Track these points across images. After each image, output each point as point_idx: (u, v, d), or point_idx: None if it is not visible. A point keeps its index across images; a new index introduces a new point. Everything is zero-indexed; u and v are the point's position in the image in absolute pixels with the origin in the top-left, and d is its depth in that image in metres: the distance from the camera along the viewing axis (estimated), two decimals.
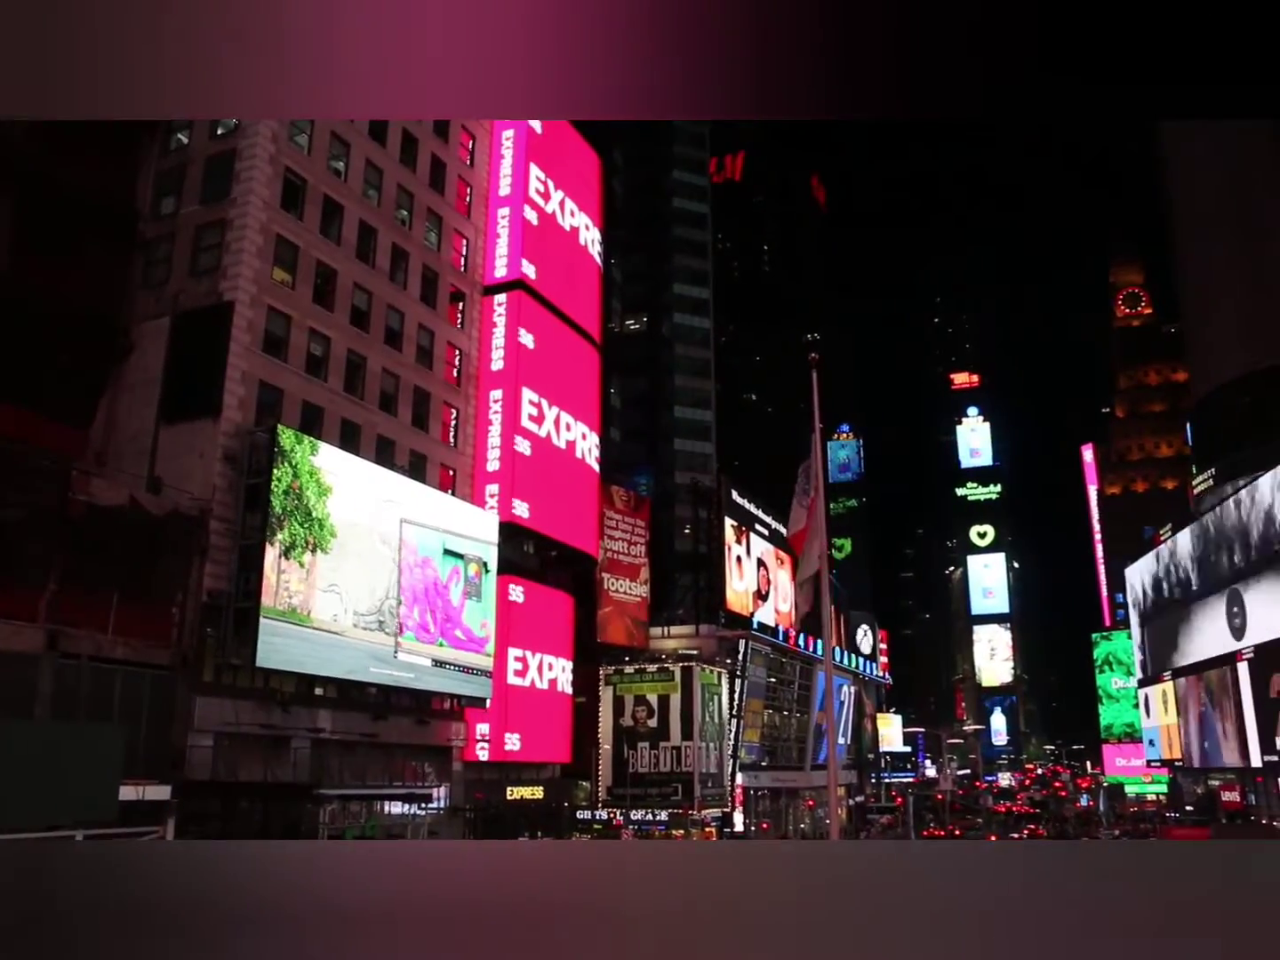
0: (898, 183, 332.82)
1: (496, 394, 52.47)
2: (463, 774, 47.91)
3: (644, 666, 64.59)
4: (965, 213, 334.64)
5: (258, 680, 36.00)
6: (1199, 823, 64.89)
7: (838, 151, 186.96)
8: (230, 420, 36.64)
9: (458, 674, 45.52)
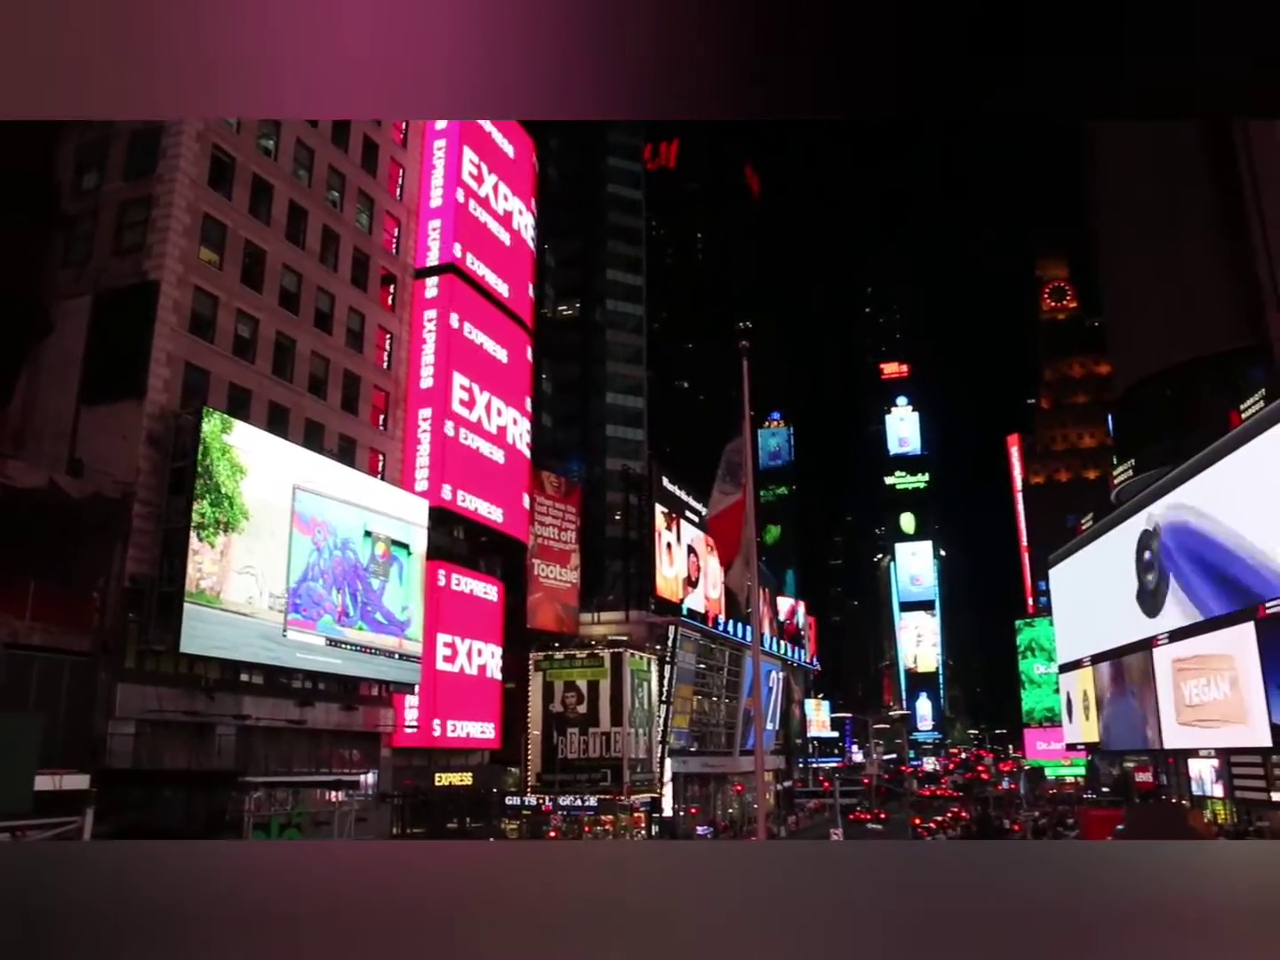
0: (832, 173, 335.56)
1: (427, 378, 52.07)
2: (391, 760, 47.65)
3: (574, 652, 64.71)
4: (898, 204, 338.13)
5: (182, 666, 35.47)
6: (1114, 803, 66.67)
7: (772, 141, 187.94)
8: (155, 402, 35.95)
9: (382, 659, 45.10)
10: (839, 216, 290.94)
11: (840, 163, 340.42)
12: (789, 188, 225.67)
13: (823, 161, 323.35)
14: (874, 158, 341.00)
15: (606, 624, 72.84)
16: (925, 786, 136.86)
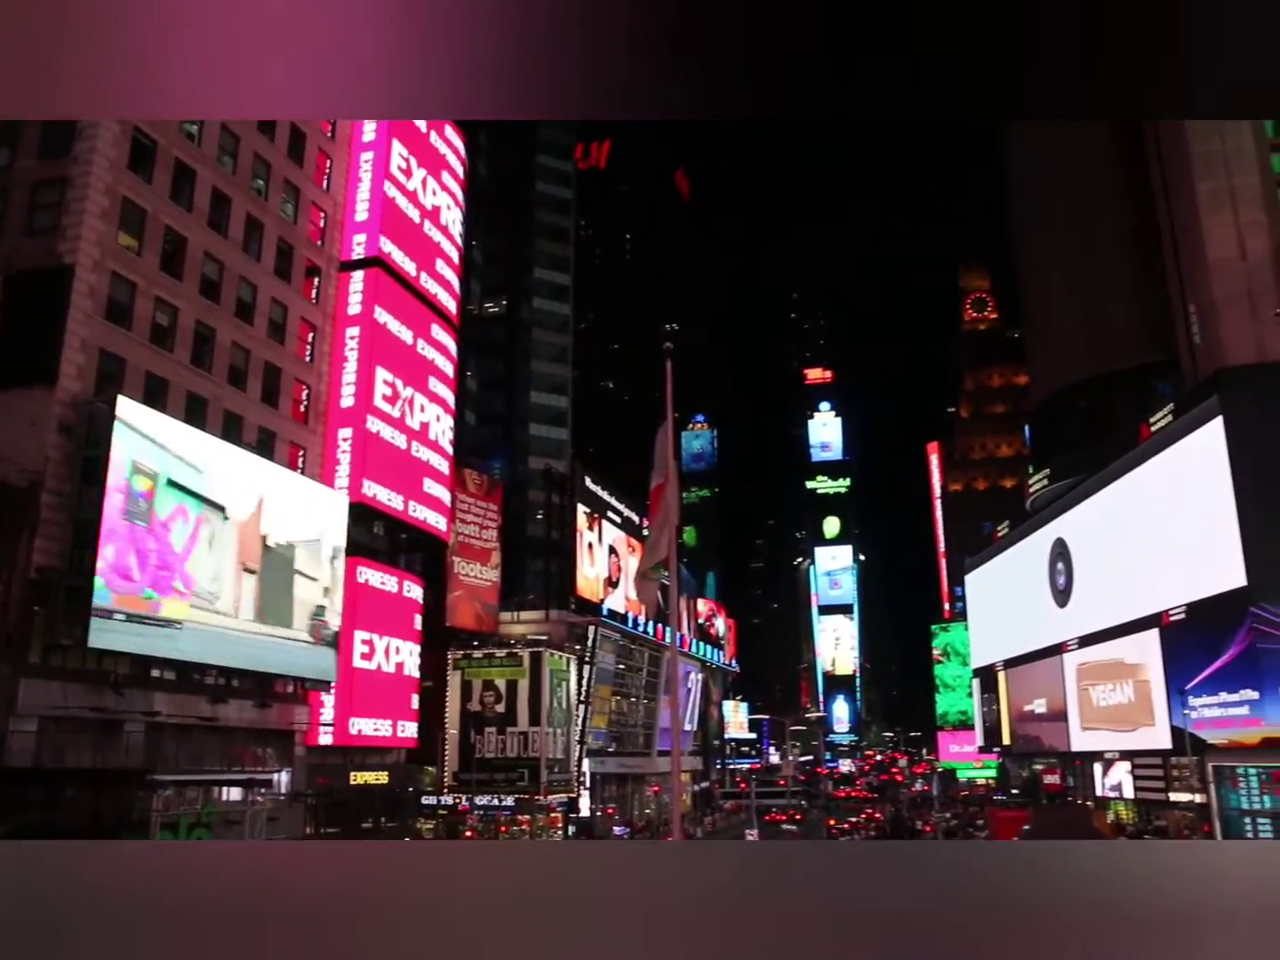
0: (762, 177, 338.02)
1: (350, 372, 51.45)
2: (305, 759, 46.97)
3: (493, 651, 64.42)
4: (826, 212, 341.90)
5: (90, 662, 34.58)
6: (1021, 805, 68.05)
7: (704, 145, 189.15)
8: (67, 389, 35.02)
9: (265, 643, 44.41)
10: (767, 222, 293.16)
11: (770, 169, 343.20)
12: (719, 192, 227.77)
13: (752, 167, 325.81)
14: (805, 166, 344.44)
15: (526, 623, 72.61)
16: (840, 788, 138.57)
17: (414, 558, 59.68)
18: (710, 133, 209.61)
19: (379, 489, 51.68)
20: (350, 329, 51.98)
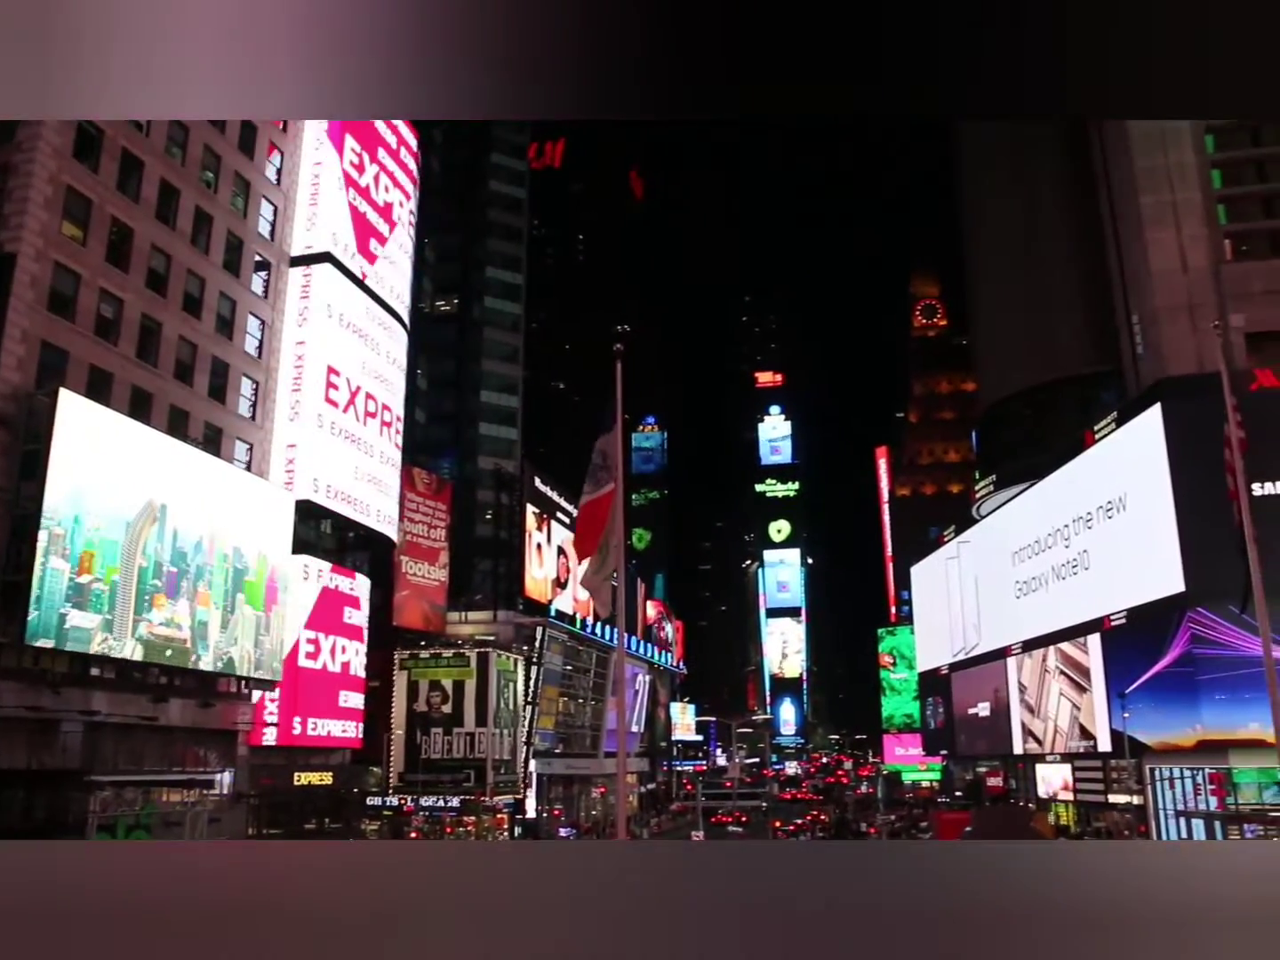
0: (715, 179, 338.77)
1: (299, 369, 50.91)
2: (248, 759, 46.41)
3: (440, 651, 64.13)
4: (779, 215, 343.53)
5: (26, 660, 33.88)
6: (964, 807, 68.86)
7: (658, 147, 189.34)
8: (7, 381, 34.33)
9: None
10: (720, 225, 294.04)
11: (724, 172, 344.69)
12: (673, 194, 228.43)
13: (706, 170, 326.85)
14: (760, 170, 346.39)
15: (474, 624, 72.32)
16: (787, 790, 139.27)
17: (361, 556, 59.22)
18: (665, 135, 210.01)
19: (327, 486, 51.16)
20: (300, 325, 51.43)
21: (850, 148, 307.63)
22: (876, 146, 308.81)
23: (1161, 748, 52.33)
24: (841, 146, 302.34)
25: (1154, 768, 53.77)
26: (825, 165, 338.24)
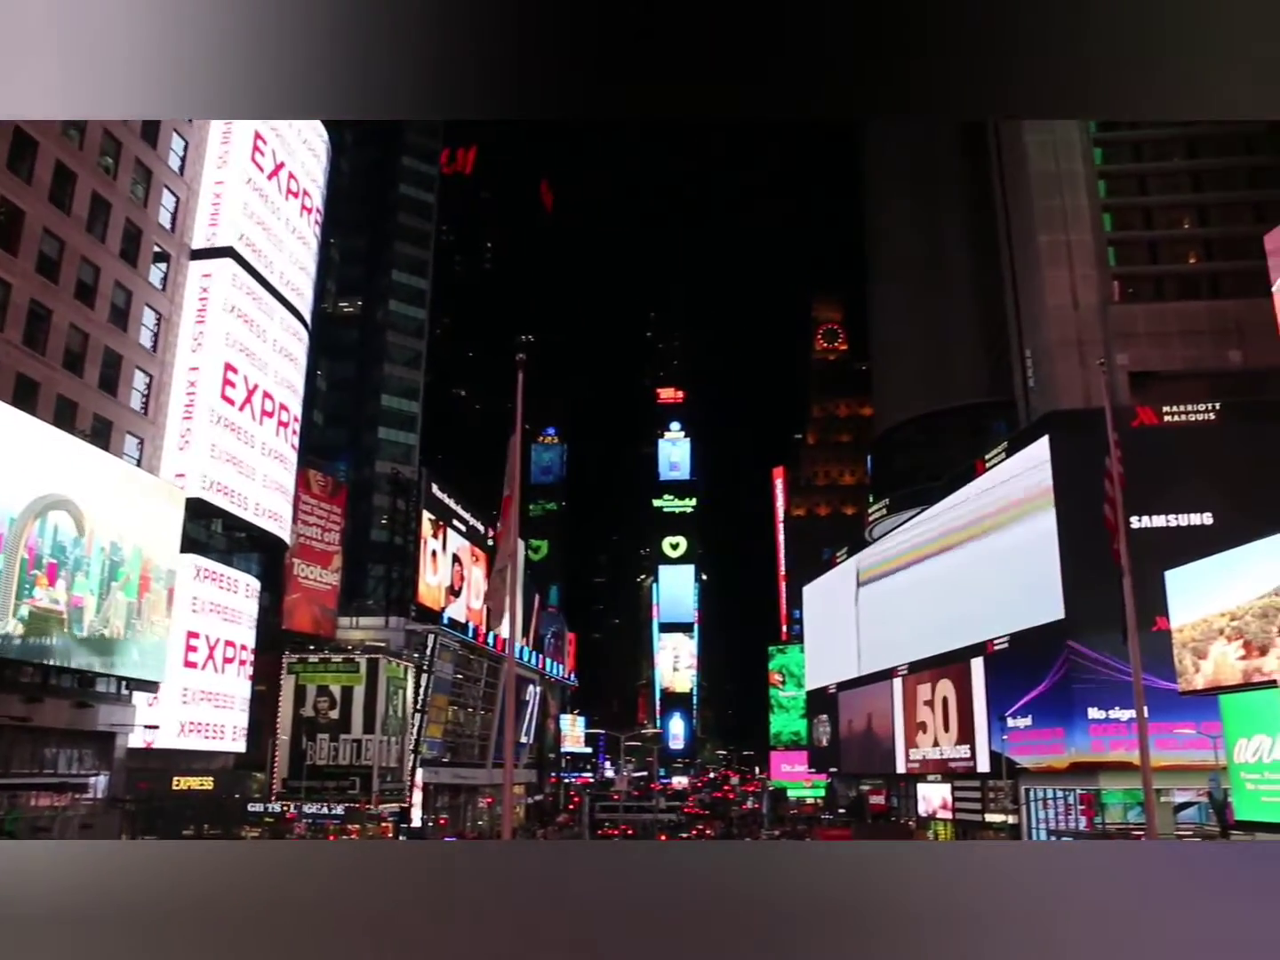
0: (625, 195, 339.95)
1: (195, 364, 49.69)
2: (125, 762, 44.98)
3: (329, 656, 63.12)
4: (687, 232, 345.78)
5: None
6: (846, 823, 70.05)
7: (569, 156, 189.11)
8: None
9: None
10: (628, 240, 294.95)
11: (632, 187, 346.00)
12: (583, 208, 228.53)
13: (616, 188, 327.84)
14: (668, 187, 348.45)
15: (365, 629, 71.27)
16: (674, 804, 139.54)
17: (252, 558, 58.01)
18: (576, 148, 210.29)
19: (219, 485, 49.99)
20: (198, 319, 50.24)
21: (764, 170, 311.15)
22: (785, 171, 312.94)
23: (1037, 769, 53.95)
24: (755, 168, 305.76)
25: (1029, 788, 55.42)
26: (738, 186, 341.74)
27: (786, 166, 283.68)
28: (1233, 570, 33.55)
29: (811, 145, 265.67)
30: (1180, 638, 36.11)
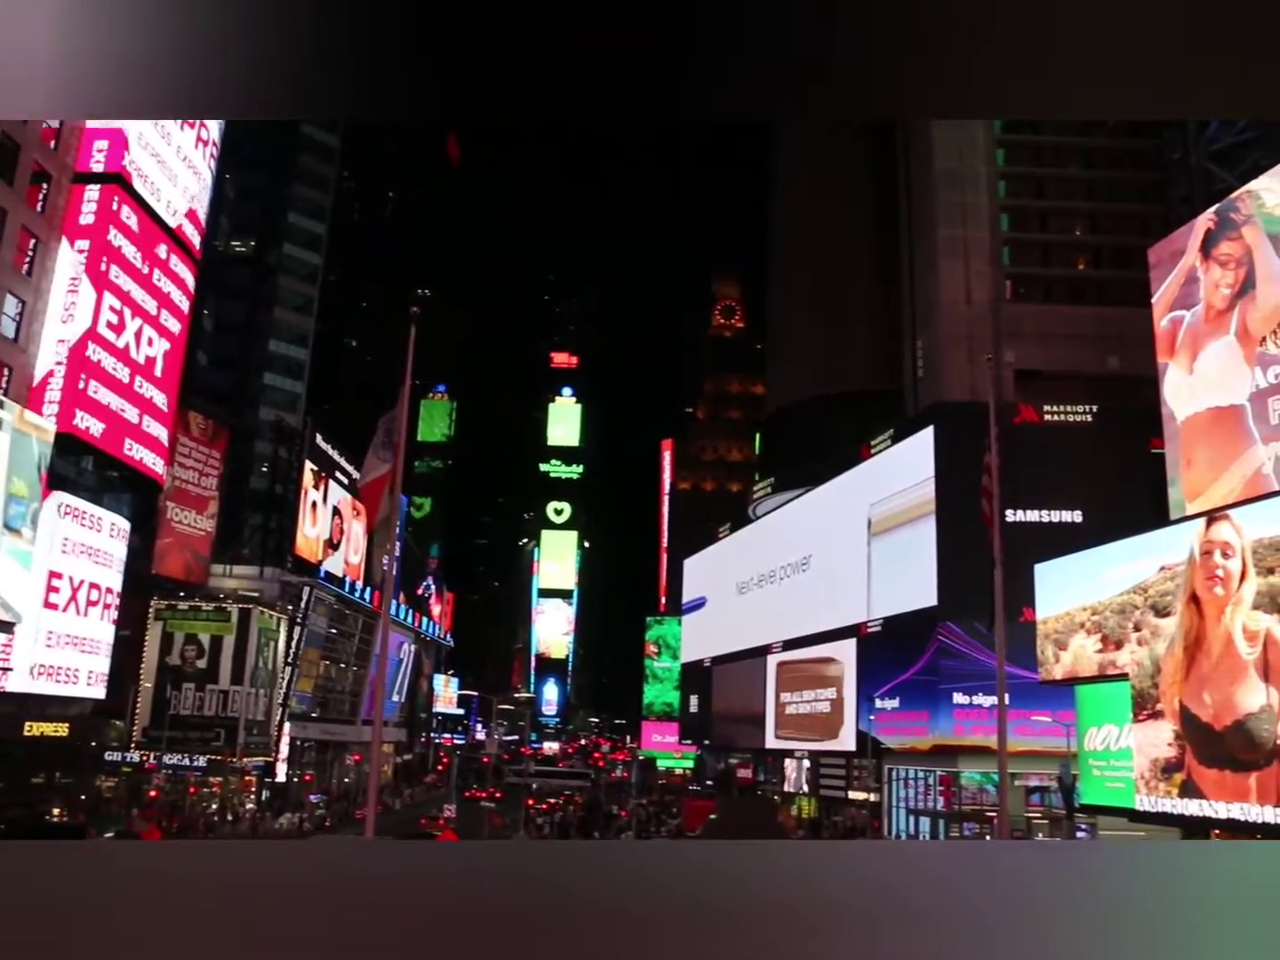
0: (533, 157, 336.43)
1: (73, 293, 47.68)
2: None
3: (200, 604, 61.62)
4: (593, 202, 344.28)
5: None
6: (713, 795, 71.13)
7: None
8: None
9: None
10: (533, 201, 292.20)
11: (540, 151, 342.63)
12: (490, 164, 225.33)
13: (525, 145, 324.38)
14: (576, 153, 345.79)
15: (239, 578, 69.62)
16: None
17: (123, 499, 56.07)
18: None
19: (92, 421, 48.10)
20: (78, 246, 48.15)
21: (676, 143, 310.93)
22: (696, 145, 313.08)
23: (901, 750, 55.52)
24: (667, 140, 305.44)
25: (892, 768, 57.03)
26: (649, 158, 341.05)
27: (698, 140, 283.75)
28: (1097, 567, 34.82)
29: (722, 123, 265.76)
30: (1044, 629, 37.39)
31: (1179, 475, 35.22)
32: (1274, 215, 31.27)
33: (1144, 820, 32.40)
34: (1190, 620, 29.09)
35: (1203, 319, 34.07)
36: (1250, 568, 26.82)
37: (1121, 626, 32.69)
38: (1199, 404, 34.31)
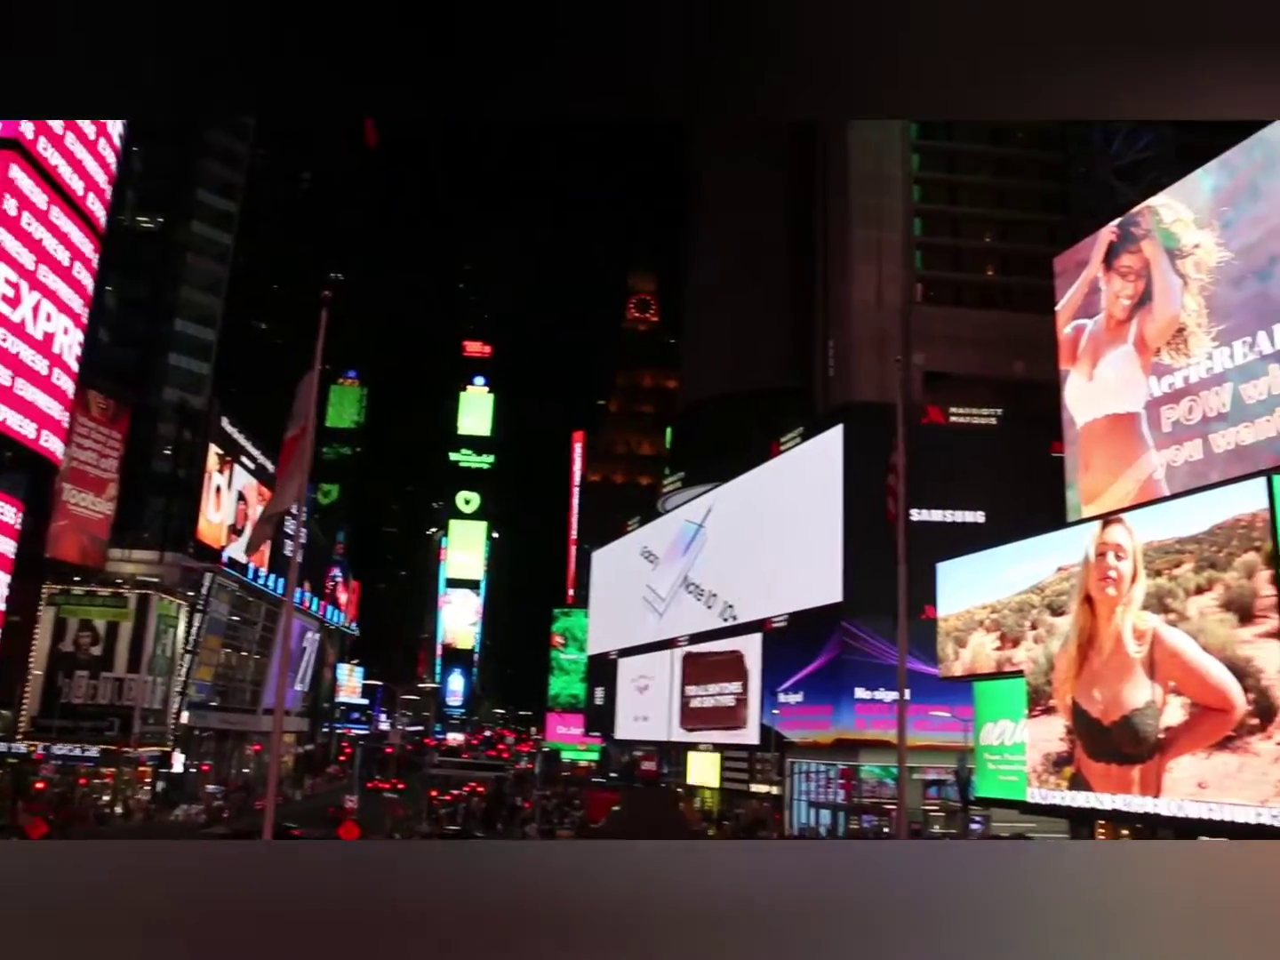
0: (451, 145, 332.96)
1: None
2: None
3: (96, 589, 59.97)
4: (510, 189, 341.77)
5: None
6: (616, 787, 71.38)
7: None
8: None
9: None
10: (450, 188, 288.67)
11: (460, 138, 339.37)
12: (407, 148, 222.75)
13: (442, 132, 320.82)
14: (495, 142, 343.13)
15: (138, 563, 67.88)
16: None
17: (16, 478, 54.24)
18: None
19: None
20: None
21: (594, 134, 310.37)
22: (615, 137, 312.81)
23: (804, 744, 56.30)
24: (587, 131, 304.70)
25: (794, 761, 57.79)
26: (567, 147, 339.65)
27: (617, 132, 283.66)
28: (997, 567, 35.67)
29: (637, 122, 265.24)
30: (945, 626, 38.18)
31: (1077, 479, 36.21)
32: (1171, 231, 32.33)
33: (1035, 812, 33.37)
34: (1084, 619, 30.00)
35: (1103, 328, 35.08)
36: (1141, 570, 27.75)
37: (1019, 625, 33.56)
38: (1097, 410, 35.32)
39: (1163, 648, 26.78)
